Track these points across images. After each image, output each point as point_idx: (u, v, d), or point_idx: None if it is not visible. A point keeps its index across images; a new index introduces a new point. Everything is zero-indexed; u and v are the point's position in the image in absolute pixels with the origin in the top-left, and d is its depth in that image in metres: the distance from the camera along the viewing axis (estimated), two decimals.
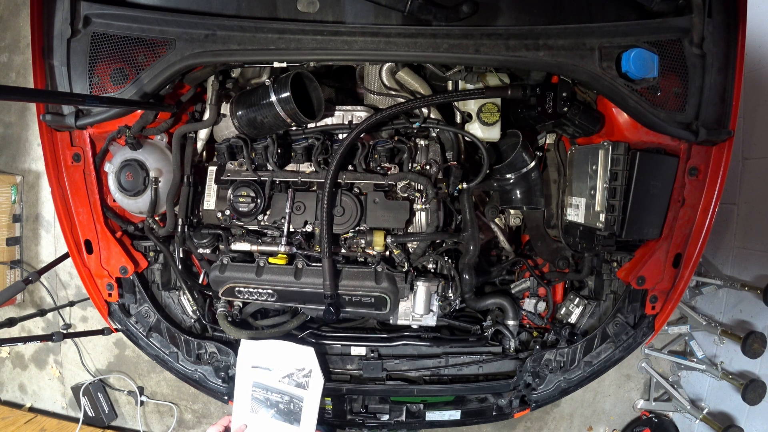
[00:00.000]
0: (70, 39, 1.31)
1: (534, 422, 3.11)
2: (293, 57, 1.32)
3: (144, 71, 1.32)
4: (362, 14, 1.31)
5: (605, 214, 1.40)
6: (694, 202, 1.48)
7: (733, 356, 2.65)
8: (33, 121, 3.07)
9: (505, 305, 1.65)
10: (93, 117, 1.38)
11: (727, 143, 1.44)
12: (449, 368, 1.65)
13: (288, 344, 1.53)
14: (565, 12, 1.34)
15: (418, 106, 1.50)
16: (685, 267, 1.52)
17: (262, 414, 1.52)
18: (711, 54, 1.35)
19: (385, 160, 1.52)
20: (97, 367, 3.17)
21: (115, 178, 1.47)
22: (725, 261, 2.71)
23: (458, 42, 1.28)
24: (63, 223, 1.50)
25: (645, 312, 1.57)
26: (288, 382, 1.50)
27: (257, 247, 1.51)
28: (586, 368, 1.62)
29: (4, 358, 3.26)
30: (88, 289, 1.57)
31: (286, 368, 1.51)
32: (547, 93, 1.45)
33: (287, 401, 1.51)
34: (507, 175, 1.62)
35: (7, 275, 3.02)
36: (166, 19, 1.29)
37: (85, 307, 3.12)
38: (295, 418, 1.50)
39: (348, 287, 1.46)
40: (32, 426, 2.98)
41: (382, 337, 1.68)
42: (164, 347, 1.63)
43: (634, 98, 1.31)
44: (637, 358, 3.02)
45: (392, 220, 1.49)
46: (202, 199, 1.57)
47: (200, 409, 3.15)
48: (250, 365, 1.52)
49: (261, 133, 1.50)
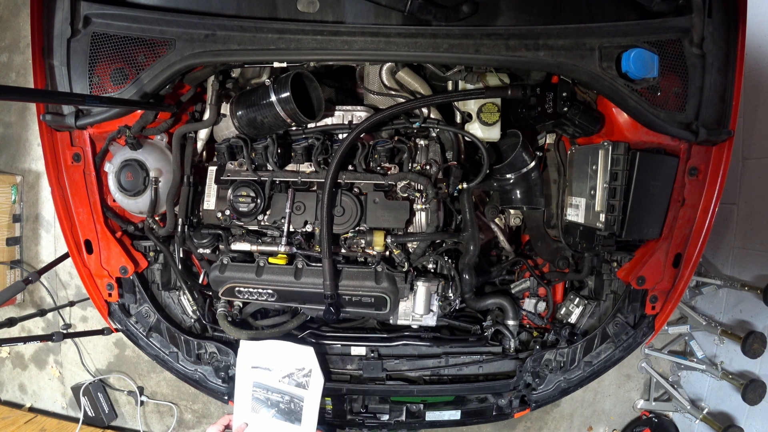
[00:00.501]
0: (70, 39, 1.31)
1: (534, 422, 3.11)
2: (293, 57, 1.32)
3: (144, 71, 1.32)
4: (362, 14, 1.31)
5: (605, 214, 1.40)
6: (694, 202, 1.48)
7: (733, 356, 2.65)
8: (33, 121, 3.06)
9: (505, 305, 1.65)
10: (93, 117, 1.38)
11: (727, 143, 1.44)
12: (449, 368, 1.65)
13: (287, 344, 1.53)
14: (565, 12, 1.34)
15: (418, 106, 1.50)
16: (685, 267, 1.52)
17: (263, 413, 1.52)
18: (711, 54, 1.35)
19: (385, 160, 1.52)
20: (97, 367, 3.17)
21: (115, 178, 1.47)
22: (725, 261, 2.71)
23: (458, 42, 1.28)
24: (63, 223, 1.50)
25: (645, 312, 1.57)
26: (288, 382, 1.50)
27: (257, 247, 1.51)
28: (586, 368, 1.62)
29: (4, 358, 3.26)
30: (88, 289, 1.57)
31: (285, 368, 1.51)
32: (547, 93, 1.45)
33: (288, 401, 1.51)
34: (507, 175, 1.62)
35: (7, 275, 3.02)
36: (166, 19, 1.29)
37: (85, 307, 3.12)
38: (296, 417, 1.50)
39: (348, 287, 1.46)
40: (32, 426, 2.98)
41: (382, 337, 1.68)
42: (164, 347, 1.63)
43: (634, 98, 1.31)
44: (637, 358, 3.02)
45: (392, 220, 1.49)
46: (202, 199, 1.57)
47: (200, 409, 3.15)
48: (250, 365, 1.52)
49: (261, 133, 1.49)
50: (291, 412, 1.51)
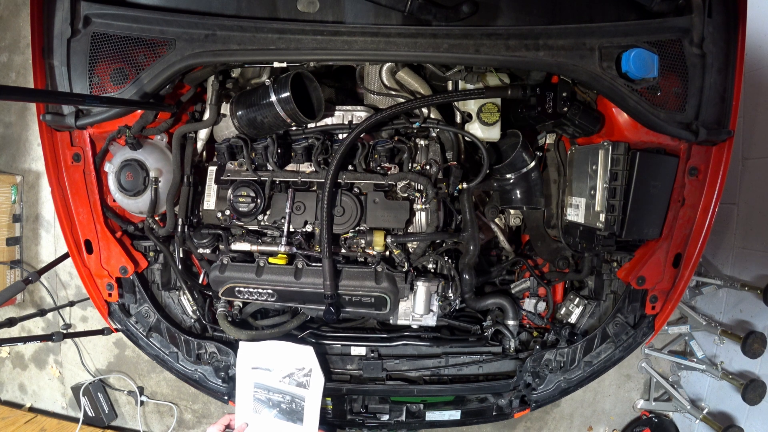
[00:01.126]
0: (70, 39, 1.31)
1: (534, 422, 3.11)
2: (293, 57, 1.32)
3: (144, 71, 1.32)
4: (362, 14, 1.31)
5: (605, 214, 1.40)
6: (694, 202, 1.48)
7: (733, 356, 2.65)
8: (33, 121, 3.07)
9: (505, 305, 1.65)
10: (93, 117, 1.37)
11: (727, 143, 1.43)
12: (449, 368, 1.65)
13: (287, 344, 1.53)
14: (565, 12, 1.34)
15: (418, 106, 1.50)
16: (685, 267, 1.52)
17: (265, 414, 1.53)
18: (711, 54, 1.35)
19: (385, 160, 1.52)
20: (97, 367, 3.17)
21: (115, 178, 1.47)
22: (725, 261, 2.71)
23: (458, 42, 1.27)
24: (63, 223, 1.50)
25: (645, 312, 1.57)
26: (289, 382, 1.50)
27: (257, 247, 1.51)
28: (586, 368, 1.62)
29: (4, 358, 3.26)
30: (88, 289, 1.57)
31: (286, 368, 1.51)
32: (547, 93, 1.45)
33: (289, 401, 1.51)
34: (507, 175, 1.62)
35: (7, 275, 3.02)
36: (166, 19, 1.29)
37: (85, 307, 3.12)
38: (297, 417, 1.51)
39: (348, 287, 1.46)
40: (32, 426, 2.98)
41: (382, 337, 1.68)
42: (164, 347, 1.63)
43: (634, 98, 1.31)
44: (637, 358, 3.02)
45: (392, 220, 1.49)
46: (202, 199, 1.57)
47: (200, 409, 3.15)
48: (250, 366, 1.52)
49: (261, 133, 1.49)
50: (293, 412, 1.51)
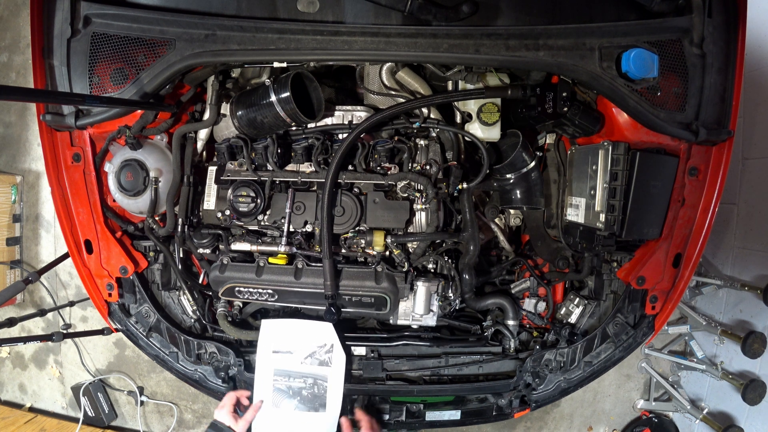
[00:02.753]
0: (70, 39, 1.31)
1: (534, 422, 3.11)
2: (293, 57, 1.32)
3: (144, 71, 1.32)
4: (362, 14, 1.31)
5: (605, 214, 1.40)
6: (694, 202, 1.48)
7: (733, 356, 2.65)
8: (33, 121, 3.07)
9: (505, 305, 1.65)
10: (93, 117, 1.38)
11: (727, 143, 1.44)
12: (449, 368, 1.65)
13: (307, 322, 1.53)
14: (565, 12, 1.34)
15: (418, 106, 1.50)
16: (685, 267, 1.52)
17: (285, 406, 1.52)
18: (711, 54, 1.35)
19: (385, 160, 1.52)
20: (97, 367, 3.17)
21: (115, 178, 1.47)
22: (725, 261, 2.71)
23: (458, 42, 1.27)
24: (63, 223, 1.50)
25: (645, 312, 1.57)
26: (311, 362, 1.51)
27: (257, 247, 1.51)
28: (586, 368, 1.62)
29: (4, 358, 3.26)
30: (88, 289, 1.57)
31: (307, 347, 1.51)
32: (547, 93, 1.44)
33: (311, 384, 1.51)
34: (507, 175, 1.62)
35: (7, 275, 3.02)
36: (166, 19, 1.29)
37: (85, 307, 3.12)
38: (320, 402, 1.51)
39: (348, 287, 1.46)
40: (32, 426, 2.98)
41: (382, 337, 1.68)
42: (164, 347, 1.63)
43: (634, 98, 1.31)
44: (637, 358, 3.02)
45: (392, 220, 1.49)
46: (202, 199, 1.57)
47: (200, 409, 3.15)
48: (271, 350, 1.52)
49: (261, 133, 1.49)
50: (315, 398, 1.51)
